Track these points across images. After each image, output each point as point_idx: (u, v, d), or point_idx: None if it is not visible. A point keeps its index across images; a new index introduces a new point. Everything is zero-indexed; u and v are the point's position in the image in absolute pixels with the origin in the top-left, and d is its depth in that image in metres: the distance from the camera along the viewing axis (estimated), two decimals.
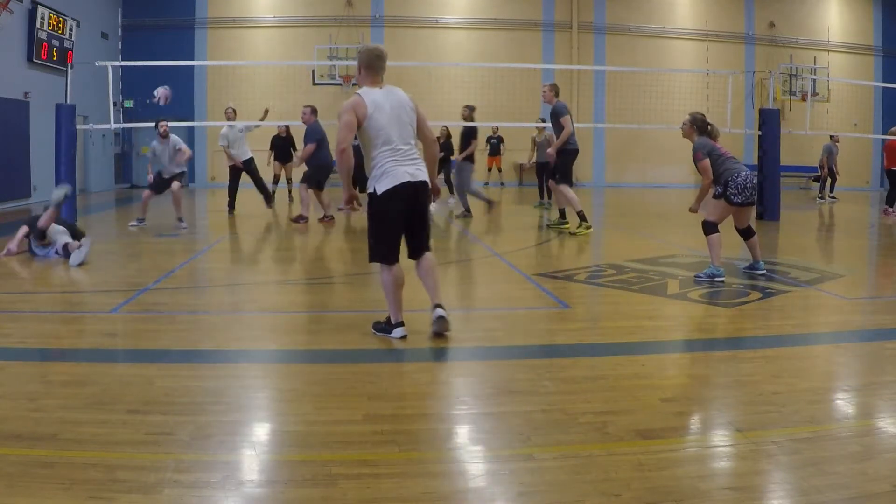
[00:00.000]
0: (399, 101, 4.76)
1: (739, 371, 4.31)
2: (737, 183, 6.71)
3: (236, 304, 6.30)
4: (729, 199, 6.76)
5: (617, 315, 5.78)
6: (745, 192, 6.73)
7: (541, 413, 3.53)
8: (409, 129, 4.77)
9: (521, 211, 15.22)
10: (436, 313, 4.83)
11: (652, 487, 2.77)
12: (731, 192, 6.74)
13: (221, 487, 2.76)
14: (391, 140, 4.65)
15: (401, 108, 4.74)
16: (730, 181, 6.73)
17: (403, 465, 2.97)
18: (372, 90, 4.74)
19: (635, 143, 22.75)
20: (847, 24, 24.33)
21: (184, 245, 9.59)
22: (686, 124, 7.05)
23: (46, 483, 2.74)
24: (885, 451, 3.16)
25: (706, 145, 6.87)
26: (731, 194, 6.74)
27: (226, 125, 13.19)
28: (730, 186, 6.74)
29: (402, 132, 4.70)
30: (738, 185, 6.71)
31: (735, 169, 6.76)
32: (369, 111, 4.62)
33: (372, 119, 4.62)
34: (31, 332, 5.19)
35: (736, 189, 6.72)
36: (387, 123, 4.65)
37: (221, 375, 4.19)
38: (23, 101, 15.43)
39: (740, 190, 6.71)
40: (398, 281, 4.81)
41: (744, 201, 6.77)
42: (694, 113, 7.13)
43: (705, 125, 7.00)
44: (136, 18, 21.20)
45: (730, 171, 6.76)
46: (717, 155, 6.83)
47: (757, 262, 7.15)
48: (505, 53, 21.81)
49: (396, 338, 4.84)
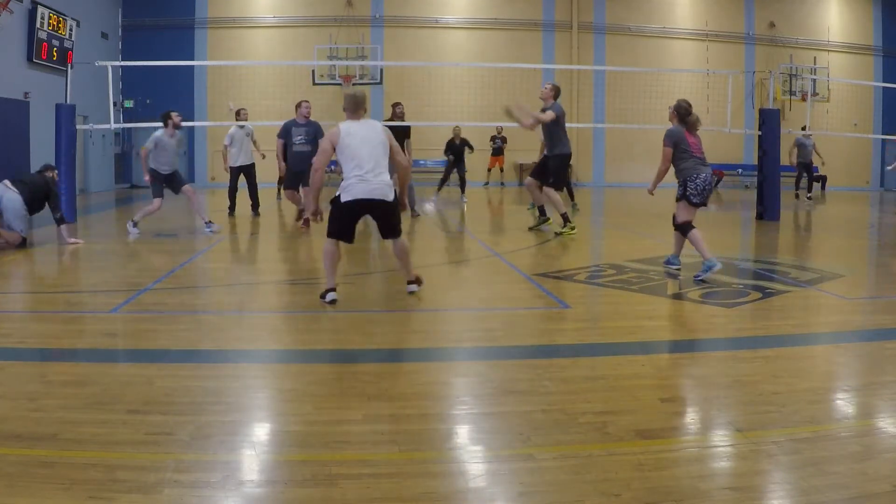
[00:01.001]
0: (372, 128, 5.86)
1: (739, 371, 4.31)
2: (696, 184, 6.95)
3: (236, 304, 6.30)
4: (688, 199, 7.01)
5: (617, 315, 5.78)
6: (703, 195, 7.00)
7: (541, 413, 3.53)
8: (380, 152, 5.78)
9: (521, 211, 15.22)
10: (408, 288, 6.11)
11: (652, 487, 2.77)
12: (690, 192, 6.98)
13: (221, 487, 2.76)
14: (359, 160, 5.69)
15: (373, 134, 5.81)
16: (688, 181, 6.97)
17: (403, 465, 2.97)
18: (350, 122, 5.85)
19: (635, 143, 22.74)
20: (847, 24, 24.33)
21: (184, 245, 9.59)
22: (671, 109, 7.30)
23: (46, 483, 2.74)
24: (885, 451, 3.16)
25: (675, 135, 7.08)
26: (689, 195, 6.99)
27: (234, 125, 13.12)
28: (689, 187, 6.98)
29: (371, 154, 5.72)
30: (697, 187, 6.95)
31: (695, 170, 6.97)
32: (342, 137, 5.75)
33: (343, 143, 5.74)
34: (31, 332, 5.19)
35: (695, 190, 6.96)
36: (357, 146, 5.71)
37: (221, 375, 4.19)
38: (23, 101, 15.43)
39: (699, 192, 6.96)
40: (333, 255, 5.90)
41: (700, 202, 7.04)
42: (680, 100, 7.33)
43: (687, 113, 7.16)
44: (136, 18, 21.20)
45: (689, 170, 6.98)
46: (683, 150, 7.03)
47: (675, 257, 7.38)
48: (505, 53, 21.80)
49: (327, 301, 5.77)
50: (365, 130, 5.80)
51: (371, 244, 9.81)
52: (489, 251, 9.07)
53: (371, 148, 5.72)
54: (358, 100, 5.93)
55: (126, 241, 9.74)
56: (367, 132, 5.80)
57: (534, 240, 9.96)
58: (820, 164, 18.47)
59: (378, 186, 5.71)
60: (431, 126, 17.90)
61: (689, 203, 7.01)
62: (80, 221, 11.97)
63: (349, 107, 5.91)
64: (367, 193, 5.68)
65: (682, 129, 7.12)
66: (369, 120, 5.96)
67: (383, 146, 5.80)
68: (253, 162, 13.19)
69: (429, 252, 8.92)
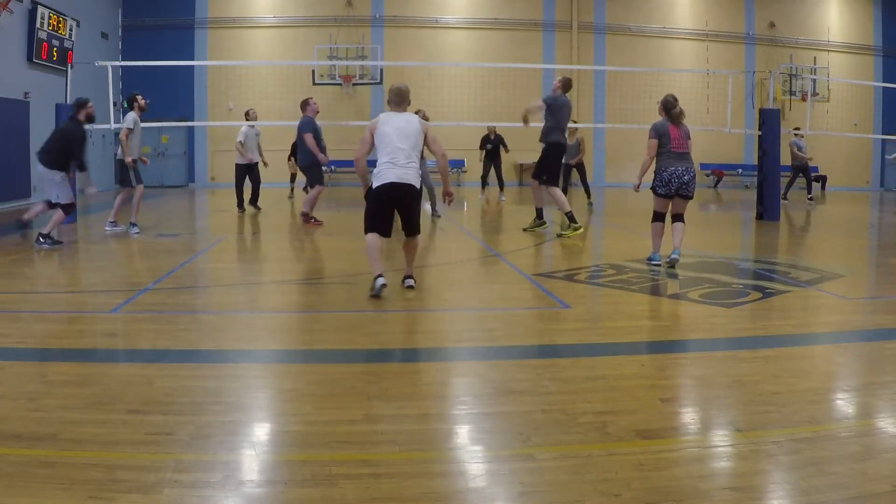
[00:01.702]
0: (408, 120, 6.18)
1: (739, 371, 4.31)
2: (661, 177, 7.46)
3: (236, 304, 6.30)
4: (654, 189, 7.58)
5: (617, 315, 5.78)
6: (669, 186, 7.45)
7: (541, 413, 3.53)
8: (414, 139, 6.11)
9: (521, 211, 15.22)
10: (406, 282, 6.36)
11: (652, 487, 2.77)
12: (656, 183, 7.54)
13: (221, 487, 2.76)
14: (392, 147, 6.02)
15: (408, 125, 6.14)
16: (657, 173, 7.50)
17: (403, 465, 2.97)
18: (389, 113, 6.25)
19: (635, 143, 22.67)
20: (847, 24, 24.33)
21: (184, 245, 9.59)
22: (659, 104, 7.71)
23: (46, 483, 2.74)
24: (885, 451, 3.16)
25: (660, 128, 7.48)
26: (655, 185, 7.57)
27: (246, 125, 13.36)
28: (656, 178, 7.53)
29: (405, 141, 6.05)
30: (663, 179, 7.45)
31: (665, 164, 7.42)
32: (379, 126, 6.13)
33: (379, 131, 6.11)
34: (31, 332, 5.19)
35: (660, 181, 7.49)
36: (390, 134, 6.05)
37: (221, 375, 4.19)
38: (23, 101, 15.42)
39: (664, 183, 7.46)
40: (375, 246, 6.13)
41: (665, 193, 7.51)
42: (667, 95, 7.76)
43: (671, 106, 7.56)
44: (136, 18, 21.19)
45: (660, 163, 7.46)
46: (663, 143, 7.43)
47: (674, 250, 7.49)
48: (505, 53, 21.80)
49: (378, 286, 5.95)
50: (401, 122, 6.15)
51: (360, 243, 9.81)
52: (489, 251, 9.07)
53: (404, 139, 6.05)
54: (403, 93, 6.27)
55: (126, 241, 9.74)
56: (403, 124, 6.14)
57: (534, 240, 9.95)
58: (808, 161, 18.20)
59: (406, 172, 6.00)
60: (433, 126, 17.88)
61: (655, 193, 7.58)
62: (80, 221, 11.96)
63: (393, 99, 6.26)
64: (396, 178, 5.96)
65: (667, 123, 7.49)
66: (407, 113, 6.30)
67: (416, 139, 6.12)
68: (257, 162, 13.53)
69: (430, 252, 8.92)
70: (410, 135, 6.11)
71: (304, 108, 11.33)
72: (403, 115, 6.25)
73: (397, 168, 5.99)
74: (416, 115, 6.41)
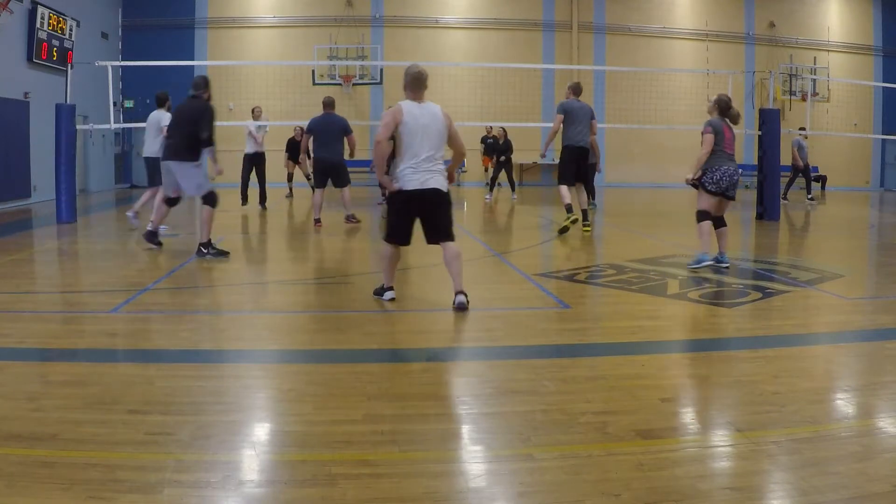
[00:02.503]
0: (432, 114, 5.60)
1: (739, 371, 4.31)
2: (713, 174, 7.27)
3: (236, 304, 6.30)
4: (704, 186, 7.34)
5: (617, 315, 5.78)
6: (720, 184, 7.26)
7: (541, 413, 3.53)
8: (438, 139, 5.60)
9: (521, 211, 15.22)
10: (457, 300, 5.62)
11: (652, 487, 2.77)
12: (706, 180, 7.31)
13: (221, 487, 2.76)
14: (415, 149, 5.51)
15: (432, 121, 5.58)
16: (708, 171, 7.30)
17: (403, 465, 2.97)
18: (411, 103, 5.60)
19: (635, 143, 22.76)
20: (847, 24, 24.33)
21: (184, 245, 9.58)
22: (711, 103, 7.56)
23: (46, 483, 2.73)
24: (885, 451, 3.16)
25: (717, 127, 7.30)
26: (705, 181, 7.32)
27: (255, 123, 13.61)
28: (706, 175, 7.31)
29: (429, 142, 5.54)
30: (714, 177, 7.27)
31: (717, 162, 7.26)
32: (405, 118, 5.50)
33: (405, 125, 5.51)
34: (31, 332, 5.18)
35: (710, 179, 7.29)
36: (414, 132, 5.51)
37: (221, 375, 4.19)
38: (23, 101, 15.42)
39: (715, 181, 7.27)
40: (393, 256, 5.86)
41: (716, 191, 7.30)
42: (721, 94, 7.67)
43: (727, 107, 7.45)
44: (136, 18, 21.19)
45: (712, 161, 7.28)
46: (716, 143, 7.25)
47: (721, 255, 7.45)
48: (505, 53, 21.80)
49: (386, 300, 5.82)
50: (426, 116, 5.56)
51: (370, 244, 9.81)
52: (489, 251, 9.07)
53: (429, 136, 5.53)
54: (421, 78, 5.61)
55: (126, 241, 9.74)
56: (428, 119, 5.56)
57: (534, 240, 9.95)
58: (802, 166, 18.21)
59: (432, 176, 5.53)
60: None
61: (704, 190, 7.33)
62: (81, 221, 11.97)
63: (411, 85, 5.59)
64: (421, 184, 5.50)
65: (722, 122, 7.39)
66: (430, 104, 5.67)
67: (441, 137, 5.61)
68: (263, 151, 13.77)
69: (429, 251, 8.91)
70: (434, 134, 5.56)
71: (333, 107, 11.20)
72: (426, 106, 5.61)
73: (420, 173, 5.50)
74: (439, 106, 5.69)
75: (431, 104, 5.67)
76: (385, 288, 5.92)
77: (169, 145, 8.34)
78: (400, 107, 5.56)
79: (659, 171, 23.20)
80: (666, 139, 22.67)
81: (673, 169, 23.49)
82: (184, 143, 8.06)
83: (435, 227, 5.69)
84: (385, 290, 5.91)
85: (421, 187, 5.51)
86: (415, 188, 5.50)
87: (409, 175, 5.51)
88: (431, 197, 5.56)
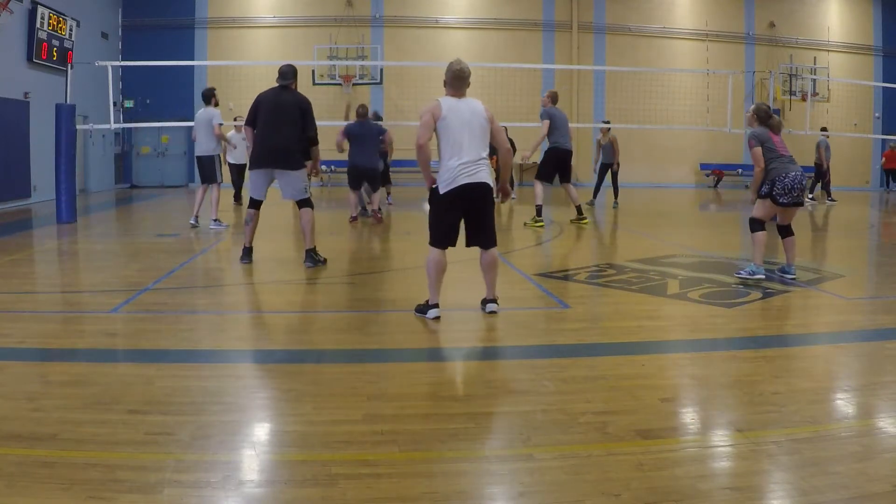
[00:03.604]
0: (473, 110, 5.33)
1: (739, 371, 4.31)
2: (784, 183, 6.69)
3: (236, 304, 6.30)
4: (775, 199, 6.75)
5: (617, 315, 5.78)
6: (792, 193, 6.72)
7: (541, 413, 3.53)
8: (480, 135, 5.31)
9: (521, 211, 15.22)
10: (488, 307, 5.54)
11: (652, 487, 2.77)
12: (778, 192, 6.73)
13: (221, 487, 2.76)
14: (460, 144, 5.22)
15: (473, 116, 5.30)
16: (776, 181, 6.71)
17: (403, 465, 2.97)
18: (451, 99, 5.34)
19: (635, 143, 22.72)
20: (847, 24, 24.32)
21: (184, 245, 9.59)
22: (749, 113, 7.14)
23: (46, 483, 2.73)
24: (885, 451, 3.16)
25: (760, 135, 6.84)
26: (777, 194, 6.73)
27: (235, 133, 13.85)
28: (776, 186, 6.72)
29: (472, 138, 5.25)
30: (786, 186, 6.69)
31: (784, 169, 6.72)
32: (444, 113, 5.23)
33: (445, 120, 5.23)
34: (31, 332, 5.19)
35: (783, 189, 6.70)
36: (458, 127, 5.23)
37: (221, 375, 4.19)
38: (23, 101, 15.42)
39: (787, 191, 6.70)
40: (440, 265, 5.38)
41: (790, 202, 6.77)
42: (759, 103, 7.26)
43: (767, 115, 6.98)
44: (136, 18, 21.19)
45: (777, 170, 6.72)
46: (770, 149, 6.78)
47: (789, 266, 7.04)
48: (505, 53, 21.79)
49: (430, 318, 5.33)
50: (467, 111, 5.30)
51: (371, 244, 9.81)
52: None
53: (471, 132, 5.26)
54: (464, 75, 5.34)
55: (126, 241, 9.74)
56: (469, 114, 5.29)
57: (533, 240, 9.96)
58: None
59: (478, 170, 5.25)
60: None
61: (775, 202, 6.78)
62: (81, 221, 11.96)
63: (453, 82, 5.35)
64: (469, 179, 5.21)
65: (767, 130, 6.91)
66: (470, 99, 5.42)
67: (483, 129, 5.33)
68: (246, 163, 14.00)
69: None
70: (477, 128, 5.27)
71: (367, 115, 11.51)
72: (466, 101, 5.35)
73: (467, 167, 5.20)
74: (480, 101, 5.45)
75: (472, 100, 5.42)
76: (430, 305, 5.40)
77: (269, 150, 7.35)
78: (438, 102, 5.30)
79: (659, 171, 23.20)
80: (666, 139, 22.67)
81: (673, 169, 23.55)
82: (289, 146, 7.32)
83: (481, 227, 5.40)
84: (429, 308, 5.38)
85: (470, 181, 5.21)
86: (463, 184, 5.21)
87: (456, 172, 5.21)
88: (480, 191, 5.27)
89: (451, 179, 5.23)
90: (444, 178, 5.26)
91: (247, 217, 7.75)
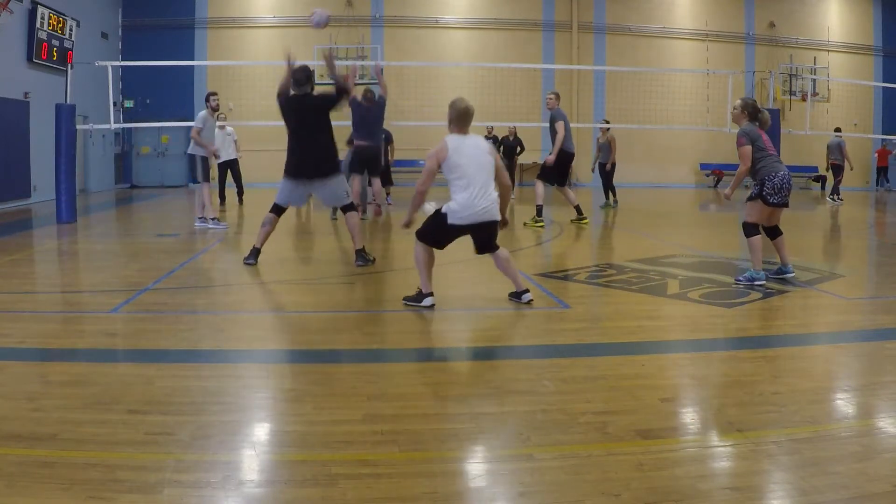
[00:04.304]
0: (477, 145, 5.65)
1: (739, 371, 4.31)
2: (773, 183, 6.58)
3: (236, 304, 6.30)
4: (765, 199, 6.65)
5: (617, 315, 5.78)
6: (782, 193, 6.62)
7: (541, 413, 3.53)
8: (487, 169, 5.60)
9: (521, 211, 15.21)
10: (524, 296, 5.81)
11: (652, 487, 2.77)
12: (768, 192, 6.62)
13: (221, 487, 2.76)
14: (468, 180, 5.50)
15: (479, 152, 5.61)
16: (766, 180, 6.61)
17: (403, 465, 2.97)
18: (457, 137, 5.64)
19: (635, 143, 22.72)
20: (847, 24, 24.32)
21: (184, 245, 9.59)
22: (737, 108, 6.89)
23: (46, 483, 2.74)
24: (885, 451, 3.16)
25: (750, 133, 6.68)
26: (766, 194, 6.63)
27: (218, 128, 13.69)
28: (766, 186, 6.61)
29: (478, 171, 5.53)
30: (775, 186, 6.58)
31: (773, 168, 6.61)
32: (450, 153, 5.53)
33: (451, 161, 5.53)
34: (31, 332, 5.19)
35: (772, 189, 6.59)
36: (466, 165, 5.51)
37: (221, 375, 4.19)
38: (23, 101, 15.42)
39: (776, 191, 6.60)
40: (428, 254, 5.69)
41: (779, 202, 6.68)
42: (745, 98, 7.04)
43: (756, 111, 6.83)
44: (136, 18, 21.18)
45: (767, 169, 6.61)
46: (760, 147, 6.65)
47: (785, 266, 6.95)
48: (505, 53, 21.79)
49: (426, 306, 5.58)
50: (473, 149, 5.61)
51: (371, 244, 9.81)
52: None
53: (479, 168, 5.55)
54: (469, 114, 5.67)
55: (126, 241, 9.74)
56: (475, 151, 5.60)
57: (533, 240, 9.96)
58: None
59: (488, 206, 5.56)
60: (433, 126, 17.90)
61: (766, 203, 6.66)
62: (81, 221, 11.96)
63: (457, 121, 5.65)
64: (478, 217, 5.55)
65: (757, 127, 6.76)
66: (474, 136, 5.73)
67: (490, 164, 5.62)
68: (236, 158, 14.61)
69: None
70: (485, 165, 5.58)
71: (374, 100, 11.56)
72: (471, 139, 5.66)
73: (476, 206, 5.50)
74: (482, 139, 5.77)
75: (475, 137, 5.72)
76: (424, 294, 5.67)
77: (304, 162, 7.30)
78: (444, 144, 5.58)
79: (659, 171, 23.20)
80: (666, 139, 22.66)
81: (673, 169, 23.55)
82: (323, 154, 7.34)
83: (485, 243, 5.77)
84: (424, 297, 5.66)
85: (478, 221, 5.56)
86: (471, 222, 5.56)
87: (465, 208, 5.51)
88: (486, 228, 5.65)
89: (461, 214, 5.53)
90: (454, 210, 5.54)
91: (265, 219, 7.78)
